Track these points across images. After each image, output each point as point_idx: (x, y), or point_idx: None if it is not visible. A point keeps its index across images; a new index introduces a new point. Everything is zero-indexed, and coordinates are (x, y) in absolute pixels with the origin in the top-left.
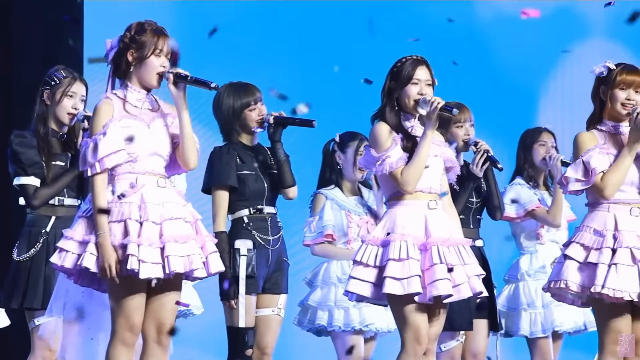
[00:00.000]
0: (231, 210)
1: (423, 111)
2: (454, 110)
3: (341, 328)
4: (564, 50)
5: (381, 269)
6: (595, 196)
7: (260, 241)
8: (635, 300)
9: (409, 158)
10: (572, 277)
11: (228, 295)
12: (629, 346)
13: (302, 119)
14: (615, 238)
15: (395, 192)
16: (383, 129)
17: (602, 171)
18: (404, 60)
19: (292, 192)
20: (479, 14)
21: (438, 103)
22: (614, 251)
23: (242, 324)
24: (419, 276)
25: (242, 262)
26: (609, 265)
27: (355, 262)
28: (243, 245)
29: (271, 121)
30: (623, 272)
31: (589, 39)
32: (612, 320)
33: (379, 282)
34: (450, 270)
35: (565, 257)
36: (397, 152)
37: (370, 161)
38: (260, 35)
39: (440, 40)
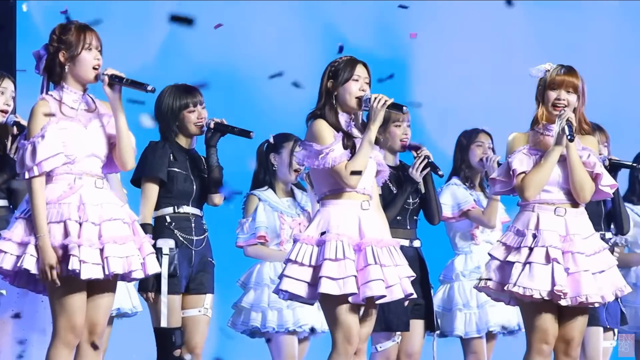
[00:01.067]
0: (155, 207)
1: (367, 108)
2: (405, 108)
3: (275, 329)
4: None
5: (316, 268)
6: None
7: (183, 241)
8: (546, 298)
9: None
10: (492, 276)
11: (146, 287)
12: (629, 346)
13: (241, 129)
14: (534, 237)
15: (330, 190)
16: (324, 125)
17: (524, 172)
18: (340, 60)
19: (219, 198)
20: None
21: (386, 100)
22: (531, 250)
23: (164, 323)
24: (355, 276)
25: (164, 261)
26: (524, 264)
27: (289, 260)
28: (165, 244)
29: (212, 126)
30: (536, 271)
31: None
32: (536, 319)
33: (314, 282)
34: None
35: (490, 256)
36: (339, 147)
37: (310, 155)
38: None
39: None
